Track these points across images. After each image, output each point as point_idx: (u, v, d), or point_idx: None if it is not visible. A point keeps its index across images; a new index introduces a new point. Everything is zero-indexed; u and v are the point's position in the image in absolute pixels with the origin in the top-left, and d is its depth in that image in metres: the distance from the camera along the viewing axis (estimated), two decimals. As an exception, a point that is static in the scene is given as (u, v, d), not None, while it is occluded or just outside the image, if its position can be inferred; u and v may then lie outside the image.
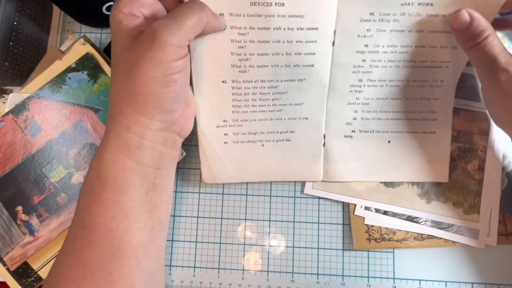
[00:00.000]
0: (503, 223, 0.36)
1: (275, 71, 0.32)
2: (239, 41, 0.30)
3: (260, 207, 0.38)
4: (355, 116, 0.35)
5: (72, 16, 0.41)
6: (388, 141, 0.35)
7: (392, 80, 0.33)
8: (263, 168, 0.36)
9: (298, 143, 0.35)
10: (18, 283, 0.35)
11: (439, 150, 0.36)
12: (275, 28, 0.30)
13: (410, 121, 0.35)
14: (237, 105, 0.33)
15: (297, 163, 0.36)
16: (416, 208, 0.36)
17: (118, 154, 0.25)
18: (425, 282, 0.36)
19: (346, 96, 0.34)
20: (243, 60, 0.31)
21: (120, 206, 0.25)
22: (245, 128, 0.34)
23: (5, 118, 0.36)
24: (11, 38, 0.38)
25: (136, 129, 0.25)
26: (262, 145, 0.35)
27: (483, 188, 0.36)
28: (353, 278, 0.37)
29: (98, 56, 0.37)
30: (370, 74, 0.33)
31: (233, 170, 0.36)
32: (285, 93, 0.33)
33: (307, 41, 0.31)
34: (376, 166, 0.36)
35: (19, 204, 0.36)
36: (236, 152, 0.35)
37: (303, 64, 0.32)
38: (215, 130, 0.34)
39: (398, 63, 0.32)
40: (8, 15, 0.37)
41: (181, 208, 0.39)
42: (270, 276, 0.37)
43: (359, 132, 0.35)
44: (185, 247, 0.38)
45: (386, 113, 0.35)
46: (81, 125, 0.37)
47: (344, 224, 0.38)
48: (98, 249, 0.25)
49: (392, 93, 0.34)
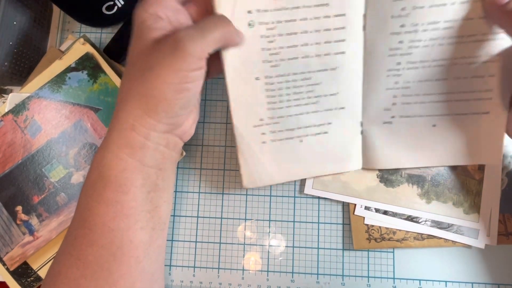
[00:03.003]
0: (503, 223, 0.36)
1: (306, 62, 0.31)
2: (268, 36, 0.30)
3: (260, 207, 0.38)
4: (394, 101, 0.33)
5: (72, 16, 0.42)
6: (433, 125, 0.34)
7: (436, 60, 0.31)
8: (303, 165, 0.35)
9: (336, 134, 0.34)
10: (17, 283, 0.35)
11: (492, 131, 0.33)
12: (301, 19, 0.29)
13: (459, 102, 0.33)
14: (272, 102, 0.32)
15: (336, 154, 0.35)
16: (416, 208, 0.36)
17: (120, 153, 0.25)
18: (425, 282, 0.36)
19: (383, 81, 0.32)
20: (274, 55, 0.31)
21: (121, 206, 0.25)
22: (282, 125, 0.33)
23: (5, 117, 0.36)
24: (11, 38, 0.38)
25: (141, 129, 0.25)
26: (300, 141, 0.34)
27: (483, 188, 0.36)
28: (353, 278, 0.37)
29: (98, 56, 0.37)
30: (410, 55, 0.31)
31: (273, 170, 0.35)
32: (319, 84, 0.32)
33: (335, 28, 0.30)
34: (420, 152, 0.35)
35: (18, 204, 0.36)
36: (275, 151, 0.34)
37: (333, 52, 0.31)
38: (252, 130, 0.33)
39: (442, 40, 0.30)
40: (8, 15, 0.37)
41: (181, 208, 0.39)
42: (270, 276, 0.37)
43: (400, 118, 0.34)
44: (185, 247, 0.38)
45: (430, 95, 0.32)
46: (81, 125, 0.37)
47: (344, 224, 0.38)
48: (98, 249, 0.25)
49: (437, 73, 0.32)
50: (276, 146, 0.34)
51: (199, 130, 0.40)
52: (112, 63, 0.39)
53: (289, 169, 0.35)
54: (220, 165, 0.39)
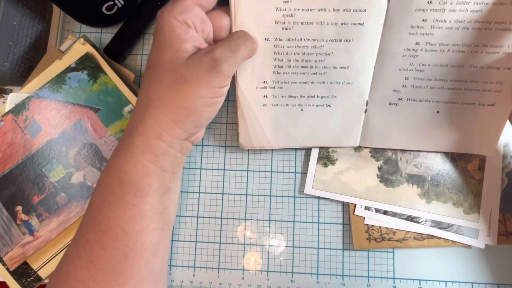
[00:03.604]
0: (503, 223, 0.36)
1: (321, 30, 0.30)
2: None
3: (260, 207, 0.38)
4: (405, 83, 0.32)
5: (72, 16, 0.41)
6: (437, 111, 0.33)
7: (457, 44, 0.29)
8: (301, 133, 0.35)
9: (339, 109, 0.34)
10: (17, 283, 0.35)
11: (493, 123, 0.33)
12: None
13: (468, 92, 0.32)
14: (279, 65, 0.32)
15: (335, 128, 0.35)
16: (416, 208, 0.36)
17: (143, 159, 0.26)
18: (425, 282, 0.36)
19: (398, 61, 0.31)
20: (287, 16, 0.29)
21: (138, 209, 0.26)
22: (285, 90, 0.33)
23: (5, 117, 0.36)
24: (11, 38, 0.38)
25: (167, 137, 0.26)
26: (301, 109, 0.34)
27: (483, 188, 0.36)
28: (353, 278, 0.37)
29: (98, 56, 0.37)
30: (431, 36, 0.29)
31: (270, 134, 0.35)
32: (330, 54, 0.31)
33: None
34: (418, 136, 0.34)
35: (18, 204, 0.36)
36: (274, 115, 0.34)
37: (351, 23, 0.29)
38: (254, 91, 0.33)
39: (468, 24, 0.28)
40: (8, 15, 0.37)
41: (181, 208, 0.39)
42: (270, 276, 0.37)
43: (407, 101, 0.33)
44: (185, 247, 0.38)
45: (441, 81, 0.31)
46: (81, 125, 0.37)
47: (344, 224, 0.38)
48: (111, 251, 0.25)
49: (454, 59, 0.30)
50: (276, 110, 0.34)
51: (199, 130, 0.40)
52: (112, 63, 0.39)
53: (286, 135, 0.35)
54: (220, 165, 0.39)
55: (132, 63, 0.42)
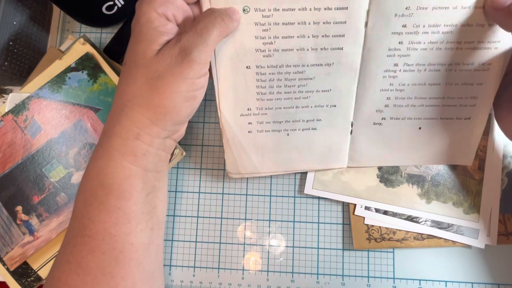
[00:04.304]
0: (503, 223, 0.36)
1: (301, 55, 0.30)
2: (263, 23, 0.29)
3: (260, 207, 0.38)
4: (387, 103, 0.33)
5: (72, 16, 0.41)
6: (419, 127, 0.34)
7: (432, 64, 0.31)
8: (288, 158, 0.35)
9: (324, 131, 0.34)
10: (17, 283, 0.35)
11: (470, 135, 0.34)
12: (300, 9, 0.28)
13: (446, 108, 0.33)
14: (262, 92, 0.32)
15: (322, 151, 0.35)
16: (416, 208, 0.36)
17: (123, 161, 0.25)
18: (425, 282, 0.36)
19: (378, 82, 0.32)
20: (268, 44, 0.30)
21: (123, 211, 0.25)
22: (270, 116, 0.33)
23: (5, 118, 0.36)
24: (11, 38, 0.38)
25: (146, 137, 0.25)
26: (287, 134, 0.34)
27: (483, 188, 0.36)
28: (353, 278, 0.37)
29: (98, 56, 0.37)
30: (408, 57, 0.31)
31: (257, 161, 0.35)
32: (312, 79, 0.31)
33: (335, 22, 0.29)
34: (403, 152, 0.35)
35: (18, 204, 0.36)
36: (260, 141, 0.34)
37: (331, 47, 0.30)
38: (239, 119, 0.33)
39: (441, 44, 0.30)
40: (8, 15, 0.37)
41: (181, 208, 0.39)
42: (270, 276, 0.37)
43: (390, 119, 0.34)
44: (185, 247, 0.38)
45: (421, 99, 0.33)
46: (81, 125, 0.37)
47: (344, 224, 0.38)
48: (100, 255, 0.25)
49: (431, 78, 0.32)
50: (262, 136, 0.34)
51: (199, 130, 0.40)
52: (112, 63, 0.38)
53: (273, 161, 0.35)
54: (220, 165, 0.39)
55: (132, 63, 0.42)
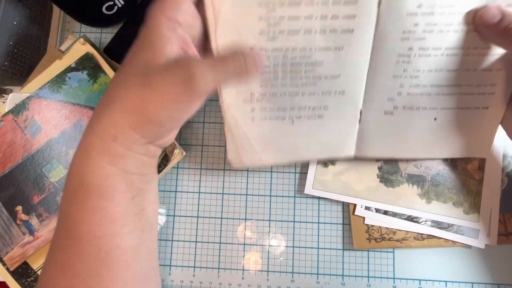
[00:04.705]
0: (503, 223, 0.36)
1: (308, 38, 0.28)
2: (268, 3, 0.27)
3: (260, 207, 0.38)
4: (400, 91, 0.31)
5: (72, 16, 0.42)
6: (434, 118, 0.32)
7: (450, 48, 0.29)
8: (292, 147, 0.33)
9: (331, 120, 0.32)
10: (17, 283, 0.35)
11: (487, 126, 0.32)
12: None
13: (463, 96, 0.31)
14: (266, 77, 0.30)
15: (328, 140, 0.33)
16: (416, 208, 0.36)
17: (101, 160, 0.24)
18: (425, 282, 0.36)
19: (391, 68, 0.30)
20: (272, 26, 0.28)
21: (106, 212, 0.24)
22: (274, 103, 0.31)
23: (5, 118, 0.36)
24: (11, 38, 0.38)
25: (123, 141, 0.24)
26: (292, 122, 0.32)
27: (483, 188, 0.36)
28: (353, 278, 0.37)
29: (98, 56, 0.37)
30: (423, 41, 0.28)
31: (260, 150, 0.33)
32: (320, 63, 0.29)
33: (346, 2, 0.27)
34: (414, 144, 0.33)
35: (18, 204, 0.36)
36: (264, 129, 0.32)
37: (340, 30, 0.28)
38: (241, 105, 0.31)
39: (458, 26, 0.28)
40: (8, 15, 0.37)
41: (181, 208, 0.39)
42: (270, 276, 0.37)
43: (402, 109, 0.32)
44: (185, 247, 0.38)
45: (437, 87, 0.31)
46: (81, 125, 0.37)
47: (344, 224, 0.38)
48: (86, 257, 0.24)
49: (448, 63, 0.30)
50: (265, 124, 0.32)
51: (199, 130, 0.40)
52: (112, 63, 0.38)
53: (276, 150, 0.33)
54: (220, 165, 0.39)
55: (132, 63, 0.42)
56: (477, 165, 0.36)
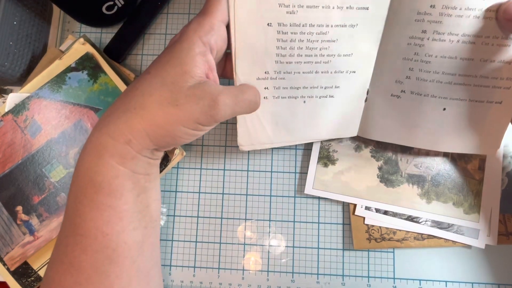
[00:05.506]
0: (503, 223, 0.36)
1: (326, 14, 0.28)
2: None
3: (260, 207, 0.38)
4: (409, 74, 0.30)
5: (72, 16, 0.41)
6: (443, 108, 0.31)
7: (467, 34, 0.27)
8: (302, 127, 0.33)
9: (341, 99, 0.32)
10: (18, 283, 0.35)
11: (499, 122, 0.31)
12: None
13: (477, 88, 0.29)
14: (282, 54, 0.29)
15: (334, 120, 0.33)
16: (416, 208, 0.36)
17: (112, 161, 0.25)
18: (425, 282, 0.36)
19: (402, 49, 0.29)
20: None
21: (114, 210, 0.25)
22: (288, 81, 0.31)
23: (5, 118, 0.36)
24: (11, 38, 0.38)
25: (136, 145, 0.25)
26: (303, 102, 0.32)
27: (483, 188, 0.36)
28: (353, 278, 0.37)
29: (98, 56, 0.37)
30: (439, 24, 0.27)
31: (270, 129, 0.33)
32: (335, 41, 0.29)
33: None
34: (420, 133, 0.32)
35: (19, 204, 0.36)
36: (276, 108, 0.32)
37: (356, 6, 0.28)
38: (255, 82, 0.30)
39: (479, 12, 0.26)
40: (8, 15, 0.37)
41: (181, 208, 0.39)
42: (270, 276, 0.37)
43: (410, 94, 0.31)
44: (185, 247, 0.38)
45: (449, 75, 0.29)
46: (81, 125, 0.37)
47: (344, 224, 0.38)
48: (93, 254, 0.25)
49: (463, 51, 0.28)
50: (277, 103, 0.32)
51: (199, 130, 0.40)
52: (112, 63, 0.38)
53: (287, 131, 0.33)
54: (220, 165, 0.39)
55: (132, 63, 0.42)
56: (477, 165, 0.36)
